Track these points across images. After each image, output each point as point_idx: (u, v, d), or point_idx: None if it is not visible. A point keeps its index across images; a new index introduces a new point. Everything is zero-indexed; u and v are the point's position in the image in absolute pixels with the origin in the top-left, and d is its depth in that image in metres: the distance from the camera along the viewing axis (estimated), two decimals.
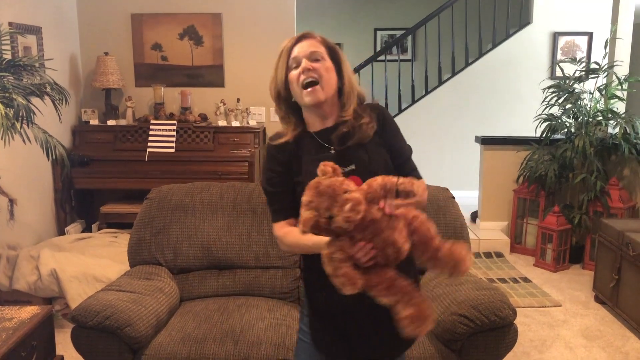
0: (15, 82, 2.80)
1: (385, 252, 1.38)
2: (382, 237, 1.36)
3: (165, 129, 4.32)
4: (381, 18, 7.99)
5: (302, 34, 1.61)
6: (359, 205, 1.33)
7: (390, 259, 1.40)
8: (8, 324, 2.08)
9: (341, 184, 1.35)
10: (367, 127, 1.61)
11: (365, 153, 1.60)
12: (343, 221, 1.32)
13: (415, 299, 1.39)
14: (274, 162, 1.65)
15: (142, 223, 2.69)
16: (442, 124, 6.38)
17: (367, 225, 1.35)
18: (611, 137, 4.25)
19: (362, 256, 1.36)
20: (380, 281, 1.40)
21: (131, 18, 4.61)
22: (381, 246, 1.37)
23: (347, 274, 1.35)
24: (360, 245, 1.36)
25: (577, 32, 6.18)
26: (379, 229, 1.36)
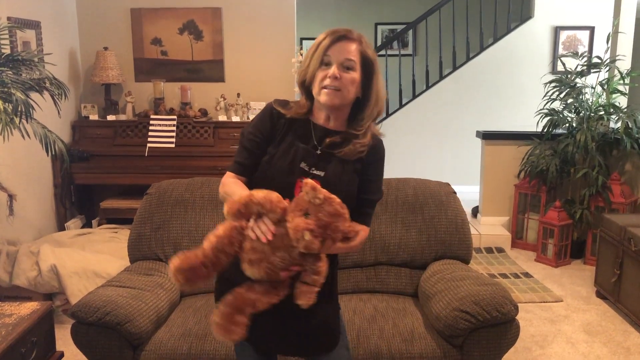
0: (14, 77, 2.79)
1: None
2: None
3: (165, 124, 4.31)
4: (382, 12, 7.96)
5: (342, 34, 1.58)
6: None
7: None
8: (8, 320, 2.07)
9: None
10: (356, 148, 1.61)
11: (340, 170, 1.61)
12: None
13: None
14: (263, 121, 1.66)
15: (142, 218, 2.68)
16: (443, 119, 6.36)
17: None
18: (613, 132, 4.24)
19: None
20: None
21: (130, 13, 4.59)
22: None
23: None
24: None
25: (579, 26, 6.15)
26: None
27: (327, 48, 1.57)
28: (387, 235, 2.62)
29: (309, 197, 1.38)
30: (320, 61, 1.57)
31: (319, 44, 1.58)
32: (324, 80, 1.56)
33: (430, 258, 2.62)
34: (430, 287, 2.41)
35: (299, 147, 1.61)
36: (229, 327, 1.46)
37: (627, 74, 4.23)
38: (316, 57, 1.58)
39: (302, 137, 1.63)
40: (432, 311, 2.27)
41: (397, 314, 2.36)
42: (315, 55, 1.58)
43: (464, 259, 2.64)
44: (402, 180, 2.77)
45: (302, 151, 1.61)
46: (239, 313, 1.47)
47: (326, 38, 1.58)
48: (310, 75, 1.59)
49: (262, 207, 1.42)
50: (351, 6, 7.92)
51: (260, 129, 1.66)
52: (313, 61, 1.58)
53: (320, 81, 1.57)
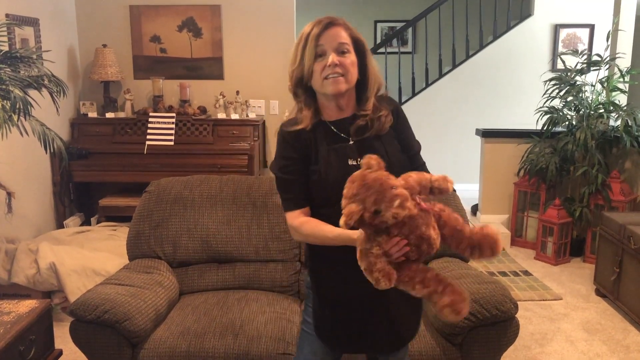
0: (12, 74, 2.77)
1: (419, 248, 1.39)
2: (417, 233, 1.37)
3: (164, 122, 4.30)
4: (381, 10, 7.95)
5: (329, 20, 1.57)
6: (407, 202, 1.33)
7: (423, 254, 1.41)
8: (6, 318, 2.07)
9: (388, 179, 1.35)
10: (385, 120, 1.63)
11: (381, 145, 1.61)
12: (391, 217, 1.31)
13: (447, 286, 1.41)
14: (289, 149, 1.62)
15: (141, 216, 2.68)
16: (443, 117, 6.35)
17: (405, 222, 1.35)
18: (612, 130, 4.23)
19: (396, 252, 1.36)
20: (413, 275, 1.41)
21: (129, 10, 4.58)
22: (416, 242, 1.38)
23: (383, 270, 1.35)
24: (395, 241, 1.36)
25: (579, 24, 6.14)
26: (415, 226, 1.37)
27: (318, 37, 1.54)
28: None
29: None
30: (315, 53, 1.55)
31: (308, 35, 1.55)
32: (325, 71, 1.54)
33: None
34: None
35: (336, 149, 1.59)
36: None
37: (627, 71, 4.23)
38: (309, 50, 1.55)
39: (332, 139, 1.61)
40: (431, 309, 2.26)
41: None
42: (308, 48, 1.55)
43: (463, 257, 2.63)
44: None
45: (341, 150, 1.59)
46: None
47: (314, 28, 1.56)
48: (308, 70, 1.56)
49: (419, 184, 1.41)
50: (350, 3, 7.91)
51: (288, 155, 1.62)
52: (307, 55, 1.55)
53: (320, 73, 1.55)
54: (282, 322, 2.29)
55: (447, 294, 1.39)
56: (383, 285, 1.35)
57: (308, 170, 1.60)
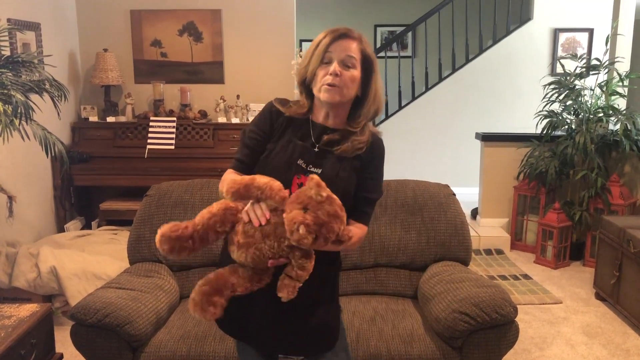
0: (13, 79, 2.79)
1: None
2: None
3: (165, 126, 4.31)
4: (381, 14, 7.97)
5: (343, 32, 1.59)
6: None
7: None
8: (7, 321, 2.07)
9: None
10: (354, 145, 1.61)
11: (338, 167, 1.61)
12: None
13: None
14: (264, 119, 1.68)
15: (141, 220, 2.68)
16: (443, 121, 6.36)
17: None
18: (612, 134, 4.24)
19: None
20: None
21: (130, 14, 4.60)
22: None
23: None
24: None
25: (578, 28, 6.16)
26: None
27: (328, 46, 1.57)
28: (386, 237, 2.62)
29: (311, 193, 1.38)
30: (321, 59, 1.58)
31: (320, 42, 1.59)
32: (325, 78, 1.56)
33: (429, 260, 2.62)
34: (429, 288, 2.41)
35: (296, 144, 1.62)
36: (205, 306, 1.46)
37: (626, 75, 4.24)
38: (317, 55, 1.58)
39: (301, 135, 1.64)
40: (431, 313, 2.27)
41: (396, 316, 2.36)
42: (316, 54, 1.58)
43: (463, 261, 2.64)
44: (401, 182, 2.77)
45: (300, 148, 1.62)
46: (217, 294, 1.47)
47: (327, 36, 1.58)
48: (311, 73, 1.60)
49: (262, 192, 1.42)
50: (350, 8, 7.93)
51: (260, 126, 1.68)
52: (313, 59, 1.59)
53: (321, 79, 1.58)
54: None
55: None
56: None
57: (265, 146, 1.65)
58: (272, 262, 1.45)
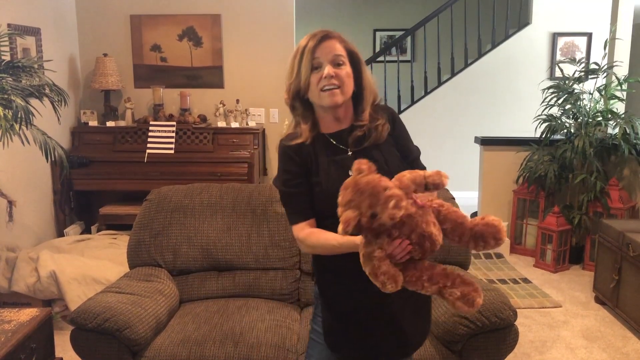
0: (14, 84, 2.79)
1: (422, 246, 1.37)
2: (418, 231, 1.36)
3: (165, 130, 4.32)
4: (380, 19, 7.99)
5: (324, 34, 1.59)
6: (402, 202, 1.32)
7: (426, 252, 1.39)
8: (7, 326, 2.08)
9: (380, 181, 1.33)
10: (382, 129, 1.65)
11: (380, 154, 1.62)
12: (388, 218, 1.30)
13: (456, 279, 1.39)
14: (290, 163, 1.63)
15: (141, 224, 2.69)
16: (442, 125, 6.37)
17: (405, 221, 1.34)
18: (611, 138, 4.25)
19: (399, 252, 1.36)
20: (420, 274, 1.40)
21: (130, 19, 4.61)
22: (418, 240, 1.36)
23: (388, 272, 1.33)
24: (397, 242, 1.35)
25: (577, 32, 6.18)
26: (415, 224, 1.35)
27: (314, 50, 1.56)
28: None
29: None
30: (311, 66, 1.57)
31: (304, 48, 1.58)
32: (320, 82, 1.56)
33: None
34: None
35: (336, 161, 1.61)
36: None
37: (624, 80, 4.25)
38: (305, 62, 1.57)
39: (331, 151, 1.63)
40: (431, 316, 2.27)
41: None
42: (304, 61, 1.57)
43: (463, 265, 2.64)
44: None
45: (340, 161, 1.60)
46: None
47: (309, 41, 1.58)
48: (305, 82, 1.58)
49: (414, 182, 1.40)
50: (350, 13, 7.95)
51: (290, 169, 1.63)
52: (304, 68, 1.57)
53: (316, 85, 1.57)
54: (282, 329, 2.29)
55: (457, 286, 1.37)
56: (390, 288, 1.32)
57: (310, 183, 1.62)
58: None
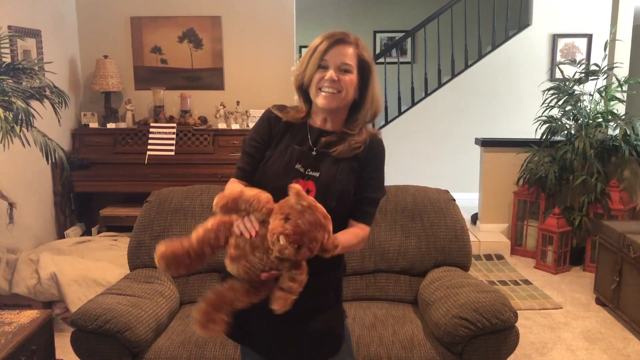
0: (14, 86, 2.80)
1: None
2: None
3: (165, 132, 4.32)
4: (380, 20, 7.99)
5: (339, 37, 1.58)
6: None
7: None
8: (7, 328, 2.08)
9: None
10: (351, 145, 1.60)
11: (335, 169, 1.60)
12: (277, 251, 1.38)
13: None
14: (263, 127, 1.69)
15: (142, 226, 2.68)
16: (442, 126, 6.37)
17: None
18: (611, 139, 4.25)
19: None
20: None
21: (130, 21, 4.61)
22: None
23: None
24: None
25: (577, 33, 6.18)
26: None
27: (325, 52, 1.57)
28: (386, 243, 2.62)
29: (292, 202, 1.37)
30: (318, 65, 1.58)
31: (316, 47, 1.58)
32: (321, 82, 1.57)
33: (429, 265, 2.62)
34: (429, 294, 2.41)
35: (294, 149, 1.62)
36: (207, 324, 1.47)
37: (624, 81, 4.25)
38: (313, 61, 1.58)
39: (299, 140, 1.64)
40: (431, 318, 2.27)
41: (396, 321, 2.36)
42: (313, 59, 1.58)
43: (463, 266, 2.64)
44: (401, 187, 2.78)
45: (298, 153, 1.61)
46: (217, 311, 1.47)
47: (323, 42, 1.58)
48: (308, 78, 1.60)
49: (250, 205, 1.42)
50: (350, 14, 7.96)
51: (259, 133, 1.69)
52: (310, 65, 1.59)
53: (317, 83, 1.58)
54: None
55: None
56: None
57: (264, 153, 1.66)
58: (265, 275, 1.44)
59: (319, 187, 1.56)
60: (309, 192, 1.55)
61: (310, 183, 1.57)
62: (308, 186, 1.56)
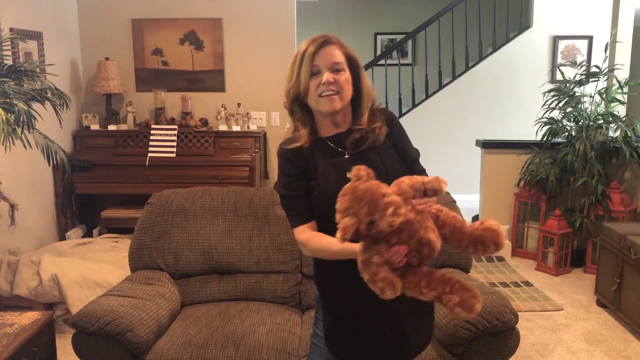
0: (16, 88, 2.81)
1: (420, 252, 1.37)
2: (416, 237, 1.35)
3: (166, 134, 4.32)
4: (381, 22, 8.00)
5: (323, 39, 1.60)
6: (400, 209, 1.31)
7: (425, 258, 1.39)
8: (9, 329, 2.08)
9: (378, 188, 1.33)
10: (380, 131, 1.65)
11: (378, 156, 1.63)
12: (386, 226, 1.29)
13: (455, 284, 1.39)
14: (289, 166, 1.64)
15: (143, 228, 2.69)
16: (443, 128, 6.38)
17: (403, 228, 1.33)
18: (612, 141, 4.25)
19: (397, 259, 1.34)
20: (419, 280, 1.39)
21: (132, 23, 4.62)
22: (417, 247, 1.36)
23: (387, 278, 1.32)
24: (395, 249, 1.33)
25: (577, 35, 6.19)
26: (413, 230, 1.35)
27: (313, 56, 1.58)
28: None
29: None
30: (310, 72, 1.58)
31: (304, 53, 1.59)
32: (319, 88, 1.57)
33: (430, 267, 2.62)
34: None
35: (334, 163, 1.62)
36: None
37: (625, 83, 4.25)
38: (305, 68, 1.58)
39: (329, 154, 1.64)
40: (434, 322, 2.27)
41: None
42: (304, 66, 1.58)
43: (464, 268, 2.64)
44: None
45: (339, 164, 1.61)
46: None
47: (309, 46, 1.59)
48: (304, 86, 1.59)
49: (412, 188, 1.39)
50: (351, 16, 7.97)
51: (291, 173, 1.64)
52: (303, 73, 1.59)
53: (315, 90, 1.58)
54: (284, 333, 2.29)
55: (456, 292, 1.37)
56: (388, 295, 1.31)
57: (309, 186, 1.62)
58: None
59: (378, 178, 1.50)
60: None
61: None
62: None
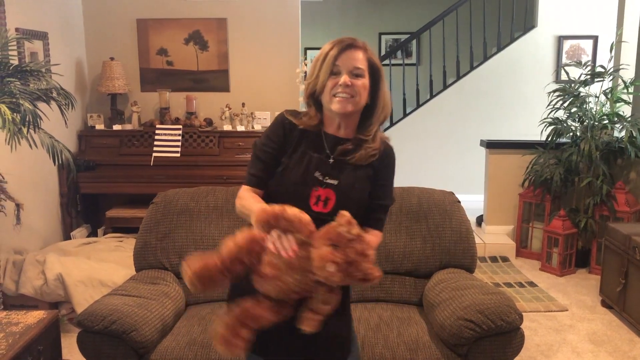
0: (22, 88, 2.82)
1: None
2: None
3: (171, 134, 4.33)
4: (386, 22, 8.00)
5: (349, 42, 1.60)
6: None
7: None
8: (14, 328, 2.09)
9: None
10: (368, 152, 1.63)
11: (353, 177, 1.62)
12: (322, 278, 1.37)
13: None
14: (277, 132, 1.67)
15: (147, 227, 2.70)
16: (447, 128, 6.37)
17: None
18: (617, 141, 4.24)
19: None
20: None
21: (137, 23, 4.64)
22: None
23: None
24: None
25: (582, 35, 6.17)
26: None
27: (336, 58, 1.58)
28: (391, 244, 2.63)
29: (342, 230, 1.35)
30: (330, 71, 1.59)
31: (327, 53, 1.60)
32: (335, 88, 1.58)
33: (434, 267, 2.62)
34: (434, 296, 2.41)
35: (312, 157, 1.62)
36: (232, 340, 1.44)
37: (630, 83, 4.23)
38: (325, 67, 1.59)
39: (315, 147, 1.65)
40: (436, 320, 2.27)
41: (401, 323, 2.36)
42: (325, 66, 1.59)
43: (468, 268, 2.64)
44: (406, 189, 2.78)
45: (316, 160, 1.62)
46: (243, 327, 1.45)
47: (333, 48, 1.60)
48: (321, 85, 1.60)
49: (291, 225, 1.38)
50: (355, 16, 7.96)
51: (273, 139, 1.67)
52: (322, 72, 1.60)
53: (330, 89, 1.59)
54: None
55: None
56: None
57: (279, 160, 1.64)
58: (295, 296, 1.44)
59: (339, 194, 1.57)
60: (328, 200, 1.57)
61: (329, 191, 1.58)
62: (327, 194, 1.57)
